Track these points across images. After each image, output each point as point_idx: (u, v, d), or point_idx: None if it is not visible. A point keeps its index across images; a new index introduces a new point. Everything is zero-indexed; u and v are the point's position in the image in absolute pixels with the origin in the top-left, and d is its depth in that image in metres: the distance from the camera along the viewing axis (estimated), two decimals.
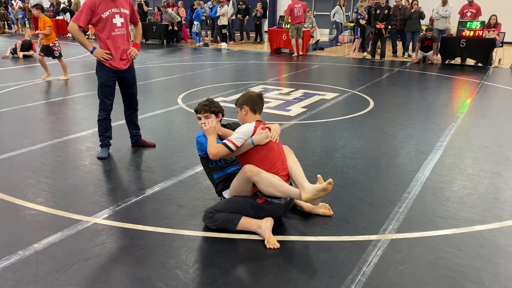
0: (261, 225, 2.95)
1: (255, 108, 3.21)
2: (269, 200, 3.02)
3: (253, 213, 3.04)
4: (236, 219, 3.00)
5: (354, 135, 5.31)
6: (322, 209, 3.27)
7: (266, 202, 3.02)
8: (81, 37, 4.18)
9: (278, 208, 3.09)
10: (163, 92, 7.83)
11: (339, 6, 15.31)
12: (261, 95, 3.29)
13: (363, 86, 8.40)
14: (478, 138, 5.24)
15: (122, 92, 4.58)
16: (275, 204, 3.05)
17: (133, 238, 2.97)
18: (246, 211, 3.04)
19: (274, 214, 3.08)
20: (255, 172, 2.94)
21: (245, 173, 2.96)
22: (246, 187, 3.04)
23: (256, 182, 2.95)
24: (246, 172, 2.96)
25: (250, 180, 2.97)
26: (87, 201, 3.49)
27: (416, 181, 3.93)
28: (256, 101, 3.22)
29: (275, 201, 3.04)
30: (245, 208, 3.04)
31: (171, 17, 15.47)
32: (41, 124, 5.72)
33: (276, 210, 3.09)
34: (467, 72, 10.38)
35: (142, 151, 4.68)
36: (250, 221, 3.00)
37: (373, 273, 2.59)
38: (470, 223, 3.20)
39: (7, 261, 2.67)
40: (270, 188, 2.94)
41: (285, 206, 3.13)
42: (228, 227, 3.01)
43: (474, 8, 11.94)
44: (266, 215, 3.03)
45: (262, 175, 2.94)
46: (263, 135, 3.05)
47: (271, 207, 3.05)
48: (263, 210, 3.04)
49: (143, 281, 2.51)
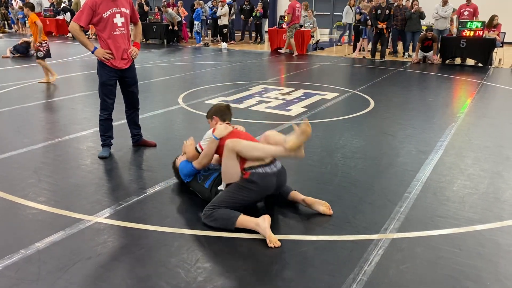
0: (259, 223, 2.95)
1: (224, 117, 3.56)
2: (254, 171, 3.07)
3: (247, 195, 3.07)
4: (234, 217, 3.01)
5: (355, 135, 5.31)
6: (323, 207, 3.28)
7: (252, 175, 3.06)
8: (82, 37, 4.19)
9: (268, 178, 3.09)
10: (164, 92, 7.84)
11: (349, 6, 15.23)
12: (229, 106, 3.66)
13: (363, 86, 8.41)
14: (479, 138, 5.25)
15: (123, 92, 4.58)
16: (263, 174, 3.07)
17: (134, 237, 2.97)
18: (241, 195, 3.06)
19: (267, 187, 3.10)
20: (236, 141, 3.11)
21: (228, 146, 3.09)
22: (234, 164, 3.11)
23: (240, 151, 3.09)
24: (228, 144, 3.09)
25: (234, 152, 3.09)
26: (88, 200, 3.50)
27: (416, 181, 3.94)
28: (224, 111, 3.59)
29: (260, 170, 3.07)
30: (238, 192, 3.07)
31: (171, 17, 15.48)
32: (42, 123, 5.72)
33: (267, 182, 3.10)
34: (467, 72, 10.39)
35: (143, 151, 4.69)
36: (248, 219, 3.00)
37: (374, 272, 2.60)
38: (471, 223, 3.21)
39: (9, 260, 2.67)
40: (255, 151, 3.10)
41: (275, 175, 3.13)
42: (227, 226, 3.02)
43: (472, 7, 11.96)
44: (259, 192, 3.08)
45: (243, 143, 3.12)
46: (221, 127, 3.34)
47: (260, 179, 3.07)
48: (254, 185, 3.05)
49: (144, 280, 2.51)
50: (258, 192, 3.10)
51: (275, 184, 3.16)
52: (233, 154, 3.10)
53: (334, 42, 17.21)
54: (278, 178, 3.17)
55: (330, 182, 3.92)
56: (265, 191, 3.15)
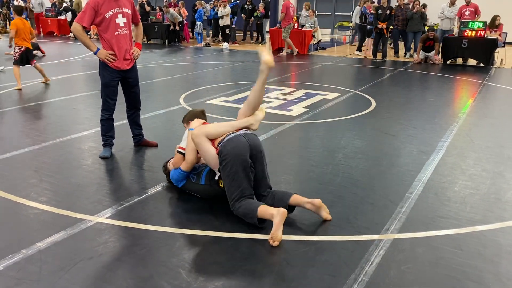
0: (274, 215, 2.93)
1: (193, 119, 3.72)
2: (221, 143, 3.16)
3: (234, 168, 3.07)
4: (254, 211, 3.01)
5: (356, 135, 5.31)
6: (325, 213, 3.20)
7: (220, 146, 3.14)
8: (85, 38, 4.19)
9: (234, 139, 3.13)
10: (165, 92, 7.85)
11: (359, 7, 15.19)
12: (203, 111, 3.90)
13: (365, 86, 8.40)
14: (480, 138, 5.24)
15: (125, 92, 4.59)
16: (227, 140, 3.14)
17: (136, 237, 2.98)
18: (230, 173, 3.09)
19: (239, 148, 3.10)
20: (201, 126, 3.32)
21: (193, 133, 3.26)
22: (208, 147, 3.21)
23: (207, 132, 3.23)
24: (194, 132, 3.26)
25: (202, 135, 3.22)
26: (90, 200, 3.51)
27: (418, 181, 3.93)
28: (199, 116, 3.78)
29: (225, 139, 3.16)
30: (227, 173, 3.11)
31: (172, 17, 15.49)
32: (43, 123, 5.73)
33: (237, 142, 3.12)
34: (469, 73, 10.38)
35: (145, 151, 4.69)
36: (265, 210, 3.00)
37: (375, 272, 2.60)
38: (472, 223, 3.21)
39: (11, 260, 2.68)
40: (221, 128, 3.26)
41: (241, 135, 3.17)
42: (251, 221, 3.05)
43: (472, 7, 11.94)
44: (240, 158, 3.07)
45: (208, 125, 3.32)
46: (195, 121, 3.58)
47: (228, 144, 3.12)
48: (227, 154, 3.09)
49: (145, 279, 2.52)
50: (236, 157, 3.07)
51: (247, 143, 3.15)
52: (203, 137, 3.22)
53: (335, 43, 17.19)
54: (246, 137, 3.19)
55: (331, 183, 3.92)
56: (241, 153, 3.09)
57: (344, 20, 19.29)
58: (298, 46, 13.54)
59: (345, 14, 20.23)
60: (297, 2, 20.61)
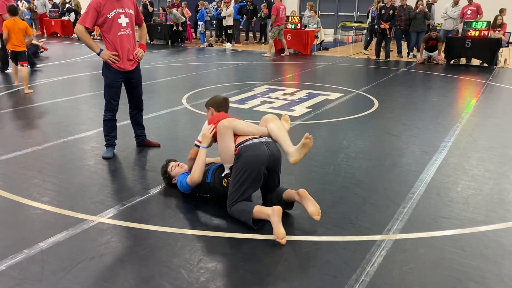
0: (270, 214, 2.96)
1: (220, 109, 3.67)
2: (242, 145, 3.15)
3: (247, 171, 3.08)
4: (250, 212, 3.04)
5: (359, 135, 5.30)
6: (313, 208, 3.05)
7: (240, 148, 3.13)
8: (88, 39, 4.20)
9: (256, 145, 3.13)
10: (168, 92, 7.86)
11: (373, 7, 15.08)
12: (227, 99, 3.78)
13: (367, 86, 8.39)
14: (483, 138, 5.22)
15: (128, 93, 4.60)
16: (250, 144, 3.14)
17: (138, 237, 2.98)
18: (241, 175, 3.10)
19: (259, 156, 3.10)
20: (231, 119, 3.29)
21: (223, 124, 3.22)
22: (230, 143, 3.19)
23: (236, 126, 3.23)
24: (224, 123, 3.22)
25: (230, 129, 3.21)
26: (92, 200, 3.52)
27: (420, 182, 3.92)
28: (221, 104, 3.70)
29: (247, 142, 3.15)
30: (238, 175, 3.12)
31: (175, 17, 15.51)
32: (46, 123, 5.75)
33: (258, 149, 3.12)
34: (473, 72, 10.34)
35: (147, 151, 4.70)
36: (260, 210, 3.03)
37: (377, 273, 2.59)
38: (475, 224, 3.19)
39: (13, 260, 2.69)
40: (250, 128, 3.27)
41: (263, 143, 3.17)
42: (246, 221, 3.07)
43: (474, 6, 11.91)
44: (253, 162, 3.08)
45: (237, 122, 3.27)
46: (206, 136, 3.42)
47: (249, 148, 3.12)
48: (245, 158, 3.09)
49: (147, 280, 2.52)
50: (253, 162, 3.08)
51: (267, 151, 3.14)
52: (230, 131, 3.20)
53: (338, 43, 17.16)
54: (268, 145, 3.18)
55: (333, 183, 3.91)
56: (259, 160, 3.10)
57: (347, 20, 19.28)
58: (301, 46, 13.53)
59: (348, 14, 20.22)
60: (300, 2, 20.61)
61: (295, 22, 13.72)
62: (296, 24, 13.68)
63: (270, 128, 3.27)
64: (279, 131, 3.25)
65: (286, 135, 3.27)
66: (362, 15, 19.39)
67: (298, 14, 16.82)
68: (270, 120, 3.34)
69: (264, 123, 3.36)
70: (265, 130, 3.30)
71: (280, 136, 3.23)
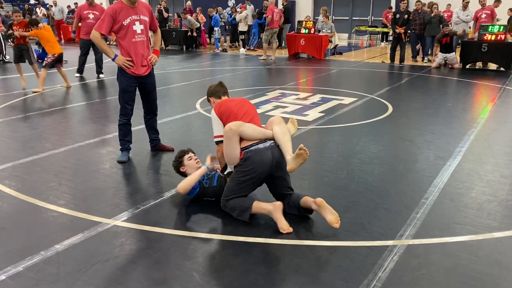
0: (271, 211, 3.10)
1: (218, 94, 3.74)
2: (247, 150, 3.18)
3: (249, 175, 3.18)
4: (248, 208, 3.17)
5: (372, 140, 5.28)
6: (331, 216, 3.07)
7: (246, 153, 3.18)
8: (103, 45, 4.29)
9: (261, 151, 3.18)
10: (182, 97, 7.94)
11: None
12: (220, 82, 3.84)
13: (381, 91, 8.35)
14: (499, 143, 5.16)
15: (142, 98, 4.67)
16: (255, 149, 3.18)
17: (151, 240, 3.02)
18: (243, 178, 3.19)
19: (263, 161, 3.17)
20: (238, 127, 3.18)
21: (231, 128, 3.16)
22: (235, 146, 3.19)
23: (242, 133, 3.19)
24: (232, 127, 3.17)
25: (237, 134, 3.17)
26: (107, 203, 3.57)
27: (434, 187, 3.89)
28: (216, 89, 3.77)
29: (252, 147, 3.19)
30: (240, 176, 3.21)
31: (190, 23, 15.66)
32: (63, 128, 5.86)
33: (262, 155, 3.18)
34: (489, 77, 10.21)
35: (161, 155, 4.76)
36: (261, 206, 3.16)
37: (389, 278, 2.59)
38: (489, 230, 3.16)
39: (30, 261, 2.75)
40: (256, 134, 3.24)
41: (268, 149, 3.21)
42: (242, 217, 3.20)
43: (488, 9, 11.78)
44: (257, 168, 3.16)
45: (245, 127, 3.21)
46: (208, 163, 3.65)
47: (254, 154, 3.17)
48: (250, 162, 3.17)
49: (159, 282, 2.55)
50: (257, 168, 3.17)
51: (270, 158, 3.20)
52: (236, 136, 3.20)
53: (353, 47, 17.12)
54: (272, 151, 3.22)
55: (346, 188, 3.91)
56: (263, 166, 3.18)
57: (362, 24, 19.23)
58: (314, 51, 13.53)
59: (363, 18, 20.16)
60: (314, 7, 20.63)
61: (309, 27, 13.74)
62: (310, 29, 13.70)
63: (274, 132, 3.29)
64: (281, 135, 3.26)
65: (288, 140, 3.26)
66: (376, 20, 19.32)
67: (312, 19, 16.86)
68: (276, 122, 3.35)
69: (270, 126, 3.38)
70: (271, 133, 3.31)
71: (282, 141, 3.24)
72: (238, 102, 3.54)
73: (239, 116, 3.39)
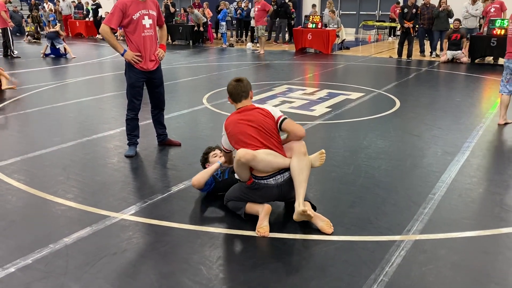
0: (259, 211, 3.12)
1: (234, 98, 3.49)
2: (256, 181, 3.16)
3: (251, 195, 3.19)
4: (242, 207, 3.22)
5: (379, 135, 5.26)
6: (322, 223, 3.05)
7: (253, 183, 3.17)
8: (112, 40, 4.30)
9: (268, 189, 3.17)
10: (189, 92, 7.95)
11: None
12: (238, 81, 3.51)
13: (389, 86, 8.30)
14: (508, 139, 5.12)
15: (149, 92, 4.68)
16: (263, 184, 3.16)
17: (159, 234, 3.04)
18: (245, 195, 3.21)
19: (267, 195, 3.18)
20: (251, 159, 3.02)
21: (240, 159, 3.02)
22: (246, 171, 3.14)
23: (254, 164, 3.07)
24: (241, 158, 3.01)
25: (246, 166, 3.09)
26: (115, 197, 3.60)
27: (441, 182, 3.87)
28: (231, 91, 3.49)
29: (262, 181, 3.15)
30: (243, 193, 3.23)
31: (197, 18, 15.65)
32: (71, 122, 5.89)
33: (267, 192, 3.18)
34: (498, 72, 10.10)
35: (168, 150, 4.77)
36: (253, 206, 3.19)
37: (396, 273, 2.58)
38: (497, 225, 3.14)
39: (39, 254, 2.78)
40: (268, 168, 3.12)
41: (277, 186, 3.17)
42: (238, 213, 3.25)
43: (497, 3, 11.67)
44: (261, 197, 3.18)
45: (258, 158, 3.04)
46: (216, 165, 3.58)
47: (261, 188, 3.17)
48: (255, 191, 3.18)
49: (167, 275, 2.57)
50: (262, 199, 3.21)
51: (276, 195, 3.22)
52: (247, 166, 3.09)
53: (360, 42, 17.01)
54: (280, 189, 3.19)
55: (353, 183, 3.90)
56: (269, 198, 3.23)
57: (369, 19, 19.10)
58: (321, 45, 13.48)
59: (370, 13, 20.02)
60: (321, 1, 20.50)
61: (315, 22, 13.68)
62: (317, 24, 13.63)
63: (291, 166, 3.10)
64: (297, 174, 3.07)
65: (303, 180, 3.06)
66: (384, 14, 19.18)
67: (319, 13, 16.76)
68: (296, 152, 3.13)
69: (290, 152, 3.18)
70: (288, 162, 3.14)
71: (296, 181, 3.07)
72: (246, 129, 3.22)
73: (248, 145, 3.14)
